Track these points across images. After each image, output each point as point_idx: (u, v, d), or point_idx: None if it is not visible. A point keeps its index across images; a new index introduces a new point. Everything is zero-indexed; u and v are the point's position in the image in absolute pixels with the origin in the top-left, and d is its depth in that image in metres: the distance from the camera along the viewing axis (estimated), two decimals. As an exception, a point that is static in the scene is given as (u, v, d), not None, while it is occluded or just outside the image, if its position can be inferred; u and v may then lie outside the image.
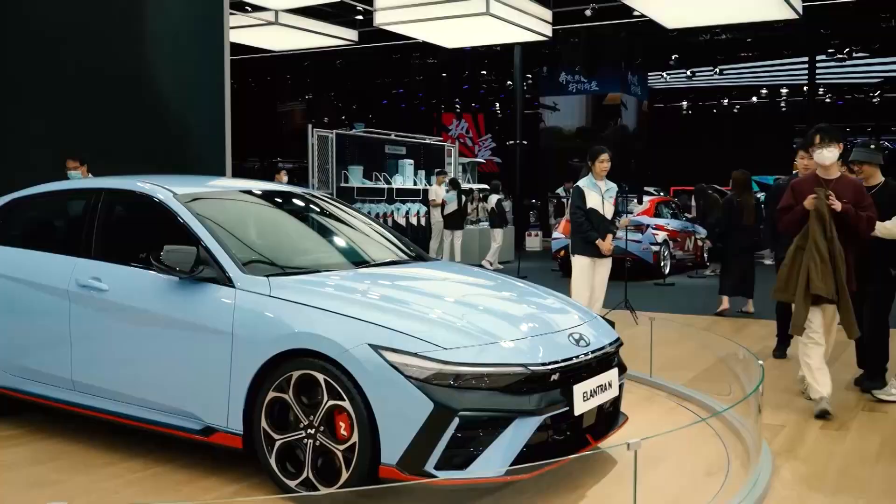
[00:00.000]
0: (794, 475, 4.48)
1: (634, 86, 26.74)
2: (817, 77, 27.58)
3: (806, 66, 27.19)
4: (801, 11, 14.11)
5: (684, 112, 36.10)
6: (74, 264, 4.76)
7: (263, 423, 3.96)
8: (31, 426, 5.12)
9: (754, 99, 34.03)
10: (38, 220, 5.53)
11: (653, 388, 6.26)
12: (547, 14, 16.23)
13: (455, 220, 15.54)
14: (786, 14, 14.35)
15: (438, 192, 15.74)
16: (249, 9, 16.23)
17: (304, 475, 3.86)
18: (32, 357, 4.92)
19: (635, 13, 16.36)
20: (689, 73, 30.15)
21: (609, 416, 4.45)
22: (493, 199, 16.82)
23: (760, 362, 5.10)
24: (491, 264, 15.87)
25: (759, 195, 12.49)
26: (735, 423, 5.09)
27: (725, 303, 10.35)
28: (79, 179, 8.25)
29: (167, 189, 4.73)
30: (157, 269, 4.32)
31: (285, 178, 15.15)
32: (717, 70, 29.35)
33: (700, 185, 17.01)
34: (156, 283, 4.38)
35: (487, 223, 17.98)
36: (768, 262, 15.96)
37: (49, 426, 5.09)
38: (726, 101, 34.73)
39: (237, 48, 16.50)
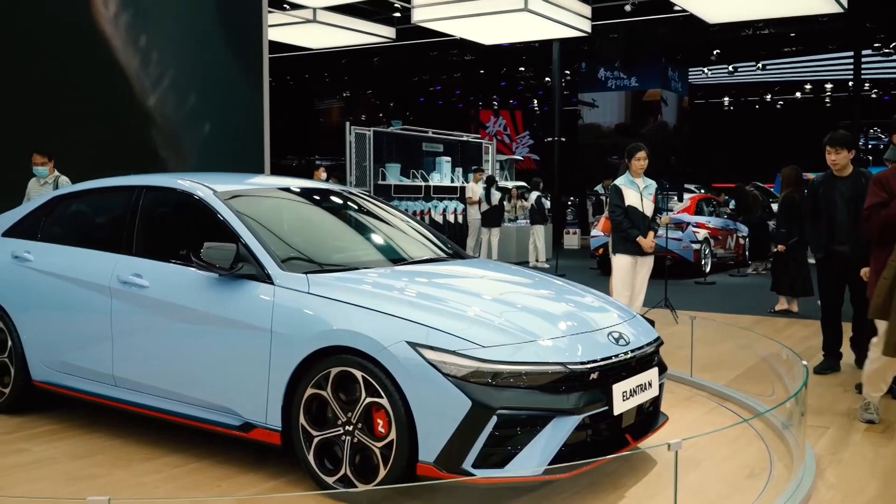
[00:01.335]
0: (838, 478, 4.39)
1: (675, 82, 26.47)
2: (863, 72, 27.07)
3: (851, 60, 26.69)
4: (846, 5, 13.86)
5: (726, 108, 35.70)
6: (116, 261, 4.81)
7: (302, 420, 3.97)
8: (72, 421, 5.19)
9: (798, 95, 33.56)
10: (79, 218, 5.59)
11: (693, 388, 6.18)
12: (586, 9, 16.12)
13: (492, 218, 15.51)
14: (830, 7, 14.11)
15: (475, 189, 15.72)
16: (288, 7, 16.32)
17: (342, 472, 3.86)
18: (74, 353, 4.98)
19: (676, 8, 16.18)
20: (730, 68, 29.79)
21: (649, 416, 4.39)
22: (533, 195, 16.76)
23: (804, 363, 5.01)
24: (538, 262, 15.88)
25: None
26: (778, 424, 5.00)
27: (783, 302, 10.22)
28: (45, 174, 8.27)
29: (207, 186, 4.77)
30: (196, 266, 4.35)
31: (324, 175, 15.21)
32: (759, 65, 28.94)
33: (739, 183, 16.79)
34: (196, 279, 4.41)
35: (525, 221, 17.94)
36: (812, 260, 15.74)
37: (90, 421, 5.15)
38: (769, 96, 34.30)
39: (275, 46, 16.60)
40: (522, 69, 32.28)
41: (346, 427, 3.85)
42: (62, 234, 5.38)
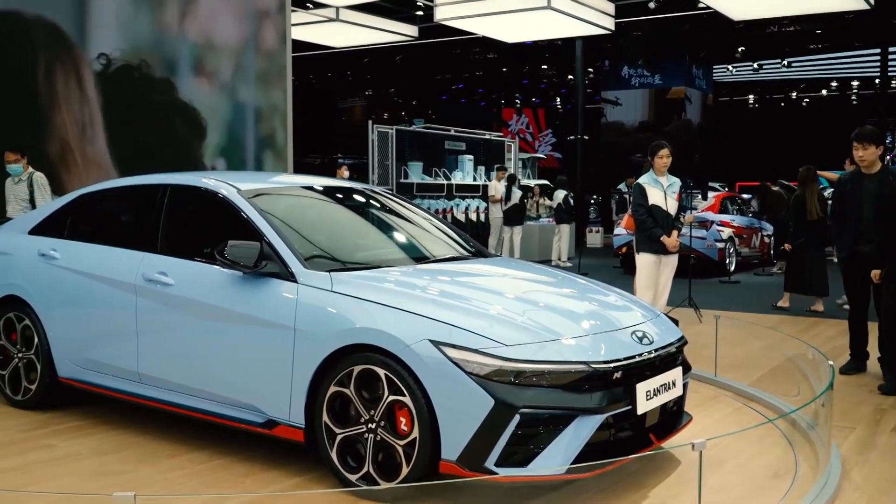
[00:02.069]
0: (864, 478, 4.34)
1: (699, 79, 26.28)
2: (889, 69, 26.73)
3: (878, 57, 26.36)
4: (872, 1, 13.70)
5: (751, 106, 35.42)
6: (141, 259, 4.85)
7: (325, 417, 3.99)
8: (98, 418, 5.23)
9: (824, 92, 33.22)
10: (105, 216, 5.64)
11: (717, 388, 6.14)
12: (609, 7, 16.05)
13: (514, 216, 15.48)
14: (857, 4, 13.97)
15: (498, 187, 15.70)
16: (311, 6, 16.38)
17: (365, 469, 3.87)
18: (99, 349, 5.03)
19: (700, 5, 16.10)
20: (755, 65, 29.51)
21: (673, 416, 4.37)
22: (561, 194, 16.68)
23: (830, 363, 4.96)
24: (561, 262, 15.84)
25: (827, 191, 12.22)
26: (803, 424, 4.95)
27: (786, 300, 10.31)
28: (19, 172, 8.21)
29: (231, 185, 4.79)
30: (221, 264, 4.38)
31: (346, 174, 15.25)
32: (785, 62, 28.67)
33: (764, 182, 16.66)
34: (220, 277, 4.44)
35: (548, 219, 17.89)
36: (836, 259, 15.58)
37: (115, 418, 5.20)
38: (794, 94, 33.98)
39: (298, 45, 16.66)
40: (545, 67, 32.17)
41: (369, 425, 3.86)
42: (88, 232, 5.43)
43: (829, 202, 9.84)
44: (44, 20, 9.11)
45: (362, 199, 5.54)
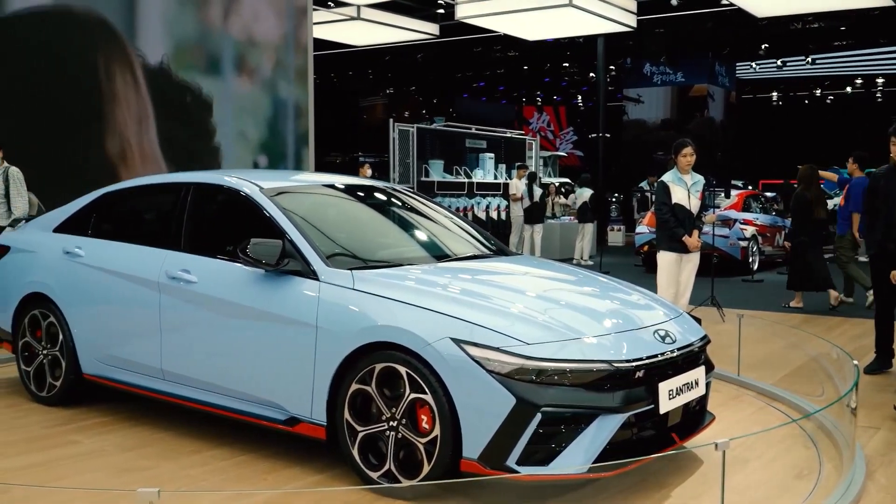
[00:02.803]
0: (889, 479, 4.30)
1: (722, 76, 26.08)
2: (915, 66, 26.44)
3: (903, 54, 26.09)
4: (898, -3, 13.55)
5: (774, 103, 35.12)
6: (164, 257, 4.88)
7: (346, 415, 4.00)
8: (121, 414, 5.28)
9: (848, 89, 32.87)
10: (128, 214, 5.69)
11: (740, 388, 6.10)
12: (631, 4, 15.97)
13: (535, 214, 15.45)
14: (881, 0, 13.79)
15: (518, 186, 15.67)
16: (332, 4, 16.41)
17: (386, 467, 3.88)
18: (123, 347, 5.07)
19: (723, 1, 15.98)
20: (779, 62, 29.24)
21: (695, 415, 4.35)
22: (586, 193, 16.58)
23: (855, 362, 4.92)
24: (581, 261, 15.79)
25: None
26: (827, 424, 4.91)
27: (798, 300, 10.37)
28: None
29: (253, 183, 4.81)
30: (243, 262, 4.40)
31: (369, 172, 15.28)
32: (809, 59, 28.39)
33: (788, 180, 16.53)
34: (242, 275, 4.46)
35: (569, 217, 17.82)
36: (863, 258, 15.44)
37: (138, 414, 5.24)
38: (819, 91, 33.65)
39: (319, 44, 16.71)
40: (566, 65, 32.05)
41: (391, 423, 3.87)
42: (112, 230, 5.48)
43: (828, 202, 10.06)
44: (97, 16, 9.36)
45: (383, 198, 5.55)
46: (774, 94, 34.80)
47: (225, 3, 10.59)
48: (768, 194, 19.02)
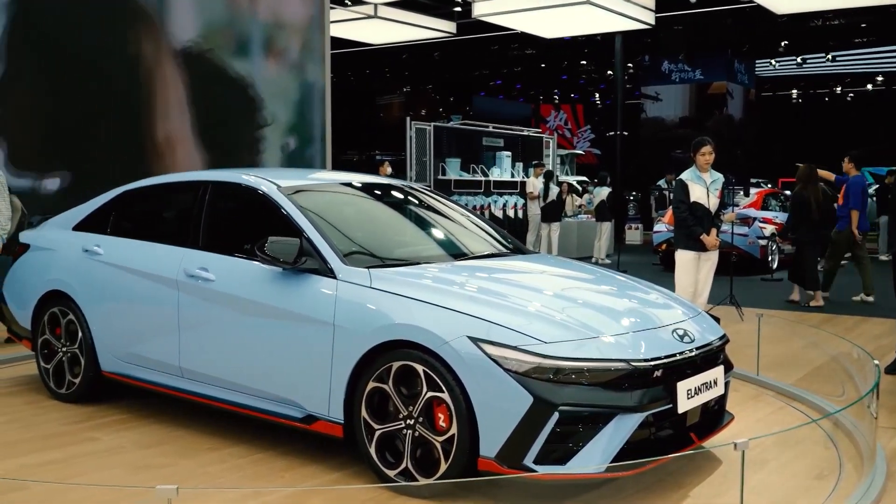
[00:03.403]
0: (912, 481, 4.25)
1: (741, 74, 25.89)
2: (938, 63, 26.18)
3: (925, 51, 25.84)
4: (920, -7, 13.41)
5: (794, 101, 34.89)
6: (183, 255, 4.90)
7: (364, 413, 4.00)
8: (140, 411, 5.30)
9: (869, 87, 32.60)
10: (147, 212, 5.71)
11: (760, 387, 6.06)
12: (649, 1, 15.88)
13: (551, 213, 15.41)
14: (904, -4, 13.66)
15: (535, 184, 15.64)
16: (349, 3, 16.43)
17: (403, 465, 3.88)
18: (142, 344, 5.09)
19: (742, -1, 15.87)
20: (799, 59, 29.05)
21: (714, 415, 4.32)
22: (604, 191, 16.51)
23: (876, 362, 4.87)
24: (600, 260, 15.74)
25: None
26: (847, 424, 4.87)
27: (796, 293, 10.68)
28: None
29: (271, 182, 4.82)
30: (261, 260, 4.41)
31: (389, 170, 15.29)
32: (829, 56, 28.17)
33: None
34: (260, 273, 4.47)
35: (586, 216, 17.76)
36: (884, 257, 15.31)
37: (157, 411, 5.26)
38: (839, 89, 33.39)
39: (337, 42, 16.73)
40: (584, 63, 31.99)
41: (408, 421, 3.86)
42: (131, 229, 5.50)
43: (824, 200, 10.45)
44: (132, 2, 9.48)
45: (400, 196, 5.55)
46: (794, 91, 34.58)
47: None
48: (788, 193, 18.89)
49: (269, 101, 10.87)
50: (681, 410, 3.88)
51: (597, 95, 37.22)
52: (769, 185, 23.37)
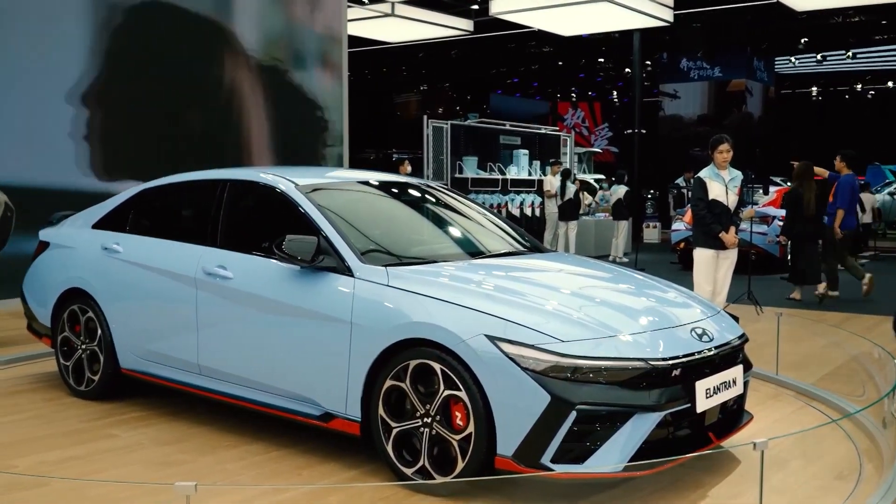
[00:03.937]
0: (934, 482, 4.21)
1: (760, 71, 25.77)
2: (959, 59, 25.90)
3: (947, 48, 25.56)
4: (943, -11, 13.28)
5: (814, 98, 34.64)
6: (201, 253, 4.92)
7: (381, 411, 4.00)
8: (158, 408, 5.33)
9: (890, 84, 32.29)
10: (166, 210, 5.74)
11: (779, 387, 6.02)
12: (668, -2, 15.81)
13: (569, 211, 15.36)
14: (926, -7, 13.53)
15: (553, 182, 15.60)
16: (366, 1, 16.45)
17: (420, 463, 3.88)
18: (161, 342, 5.12)
19: (761, -4, 15.77)
20: (819, 57, 28.81)
21: (733, 414, 4.30)
22: (622, 190, 16.45)
23: (897, 361, 4.83)
24: (617, 259, 15.69)
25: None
26: (868, 424, 4.83)
27: (797, 292, 10.76)
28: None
29: (289, 180, 4.83)
30: (278, 258, 4.42)
31: (409, 169, 15.30)
32: (849, 54, 27.92)
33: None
34: (278, 271, 4.48)
35: (603, 214, 17.69)
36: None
37: (175, 409, 5.29)
38: (859, 86, 33.09)
39: (354, 41, 16.76)
40: (602, 60, 31.86)
41: (425, 419, 3.86)
42: (149, 227, 5.53)
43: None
44: (202, 16, 9.99)
45: (418, 194, 5.55)
46: (814, 89, 34.32)
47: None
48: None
49: (330, 112, 11.65)
50: (699, 410, 3.86)
51: (614, 93, 37.06)
52: (789, 184, 23.19)
